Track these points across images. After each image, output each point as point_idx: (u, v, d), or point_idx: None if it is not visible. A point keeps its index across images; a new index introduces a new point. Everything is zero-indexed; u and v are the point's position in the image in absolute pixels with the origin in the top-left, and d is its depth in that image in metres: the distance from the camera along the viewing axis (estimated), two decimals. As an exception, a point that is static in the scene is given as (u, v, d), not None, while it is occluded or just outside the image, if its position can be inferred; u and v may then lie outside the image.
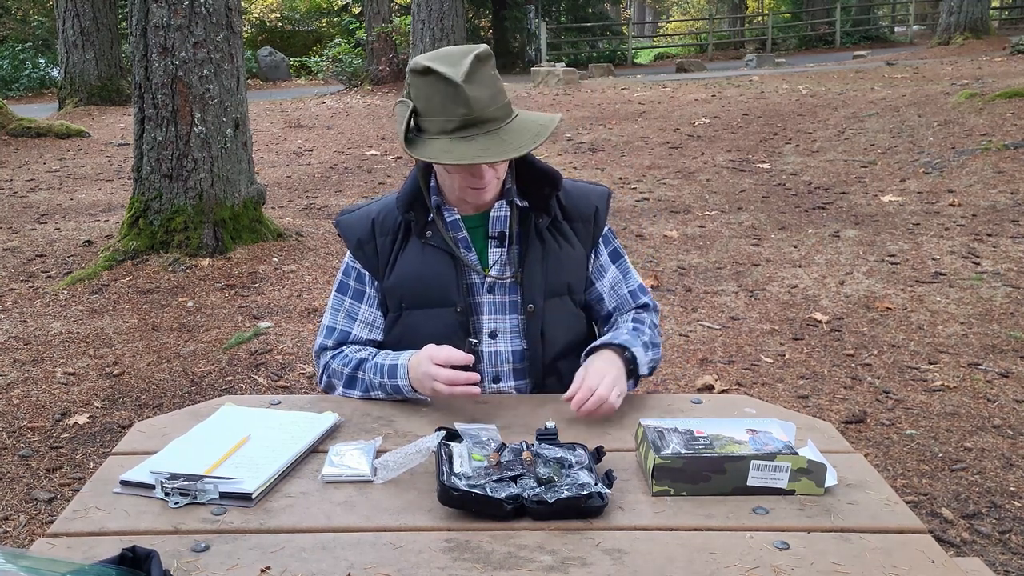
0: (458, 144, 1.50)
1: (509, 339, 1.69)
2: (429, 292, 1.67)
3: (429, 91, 1.51)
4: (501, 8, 22.35)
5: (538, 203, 1.68)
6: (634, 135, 9.52)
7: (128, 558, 1.03)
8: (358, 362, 1.65)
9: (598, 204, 1.75)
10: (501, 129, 1.52)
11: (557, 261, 1.69)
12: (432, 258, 1.67)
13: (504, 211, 1.69)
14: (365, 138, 10.45)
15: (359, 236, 1.71)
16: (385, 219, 1.71)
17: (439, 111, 1.51)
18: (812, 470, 1.26)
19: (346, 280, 1.74)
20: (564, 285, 1.71)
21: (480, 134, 1.50)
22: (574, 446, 1.36)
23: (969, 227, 5.40)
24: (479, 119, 1.50)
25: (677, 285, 4.65)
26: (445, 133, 1.51)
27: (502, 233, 1.69)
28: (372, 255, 1.70)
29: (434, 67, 1.49)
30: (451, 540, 1.16)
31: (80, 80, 13.49)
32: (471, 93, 1.48)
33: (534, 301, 1.67)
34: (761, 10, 33.02)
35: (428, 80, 1.50)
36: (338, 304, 1.74)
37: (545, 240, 1.68)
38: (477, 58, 1.51)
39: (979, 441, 2.90)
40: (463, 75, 1.47)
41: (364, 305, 1.73)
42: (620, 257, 1.80)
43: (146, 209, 4.99)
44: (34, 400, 3.35)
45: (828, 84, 12.21)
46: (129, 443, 1.46)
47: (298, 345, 3.84)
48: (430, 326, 1.67)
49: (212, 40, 4.89)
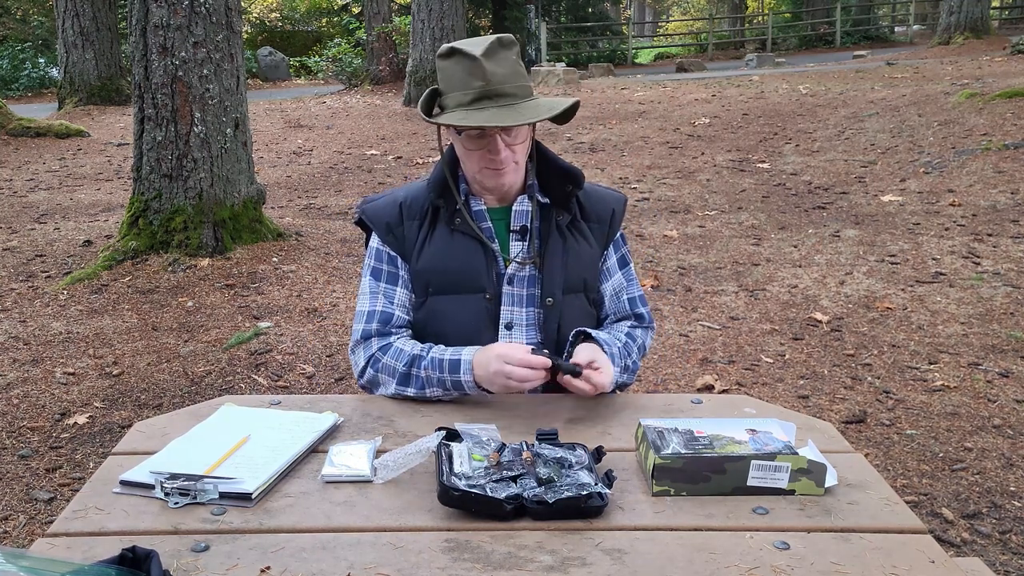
0: (472, 113, 1.55)
1: (525, 332, 1.70)
2: (459, 278, 1.67)
3: (451, 70, 1.58)
4: (501, 8, 22.36)
5: (559, 200, 1.71)
6: (634, 135, 9.52)
7: (128, 558, 1.02)
8: (412, 358, 1.60)
9: (615, 208, 1.79)
10: (516, 105, 1.57)
11: (576, 257, 1.71)
12: (462, 245, 1.68)
13: (526, 205, 1.71)
14: (365, 138, 10.45)
15: (387, 221, 1.71)
16: (413, 203, 1.72)
17: (459, 86, 1.57)
18: (812, 470, 1.26)
19: (378, 265, 1.72)
20: (581, 281, 1.73)
21: (494, 106, 1.55)
22: (574, 446, 1.36)
23: (969, 227, 5.40)
24: (495, 92, 1.56)
25: (677, 285, 4.65)
26: (462, 106, 1.57)
27: (523, 227, 1.71)
28: (401, 239, 1.70)
29: (458, 47, 1.58)
30: (451, 540, 1.16)
31: (80, 80, 13.49)
32: (488, 67, 1.55)
33: (553, 295, 1.68)
34: (761, 10, 33.02)
35: (452, 60, 1.59)
36: (374, 288, 1.71)
37: (565, 236, 1.71)
38: (500, 41, 1.59)
39: (979, 441, 2.90)
40: (483, 51, 1.55)
41: (400, 288, 1.71)
42: (627, 264, 1.82)
43: (146, 209, 4.99)
44: (34, 400, 3.35)
45: (828, 84, 12.21)
46: (129, 443, 1.46)
47: (298, 345, 3.84)
48: (457, 312, 1.67)
49: (212, 40, 4.89)
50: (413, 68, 12.73)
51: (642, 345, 1.79)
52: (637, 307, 1.81)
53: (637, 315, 1.80)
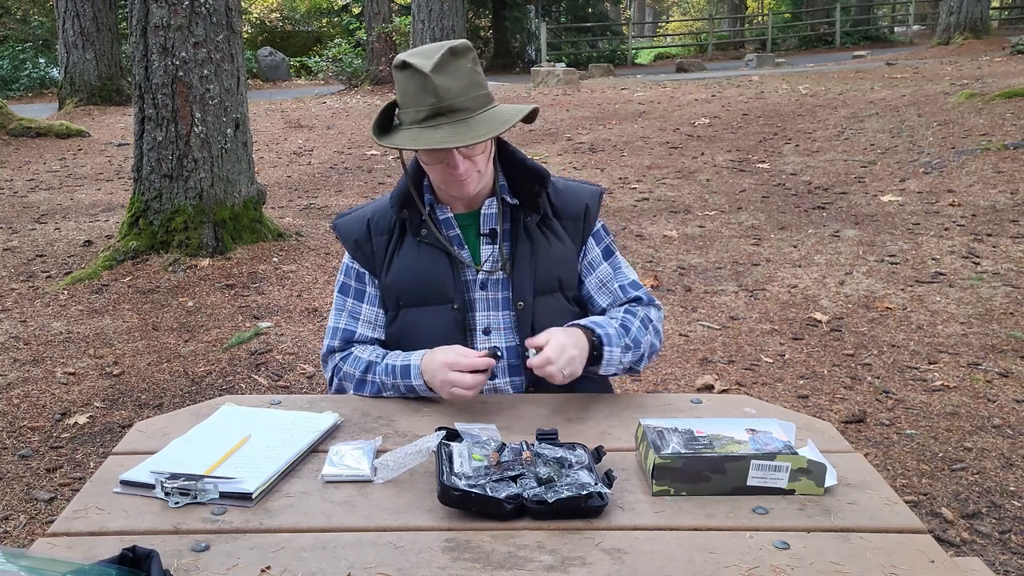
0: (425, 132, 1.53)
1: (503, 335, 1.70)
2: (426, 290, 1.68)
3: (405, 84, 1.56)
4: (501, 8, 22.36)
5: (527, 201, 1.70)
6: (634, 135, 9.52)
7: (128, 558, 1.03)
8: (367, 365, 1.66)
9: (588, 202, 1.76)
10: (471, 119, 1.54)
11: (547, 258, 1.70)
12: (428, 256, 1.68)
13: (494, 208, 1.71)
14: (365, 138, 10.45)
15: (356, 237, 1.73)
16: (380, 219, 1.73)
17: (412, 102, 1.55)
18: (812, 470, 1.26)
19: (347, 281, 1.76)
20: (555, 281, 1.72)
21: (448, 123, 1.53)
22: (574, 446, 1.36)
23: (969, 227, 5.40)
24: (448, 108, 1.53)
25: (677, 285, 4.65)
26: (416, 123, 1.55)
27: (492, 230, 1.70)
28: (370, 255, 1.72)
29: (409, 60, 1.53)
30: (451, 540, 1.16)
31: (80, 80, 13.49)
32: (439, 83, 1.51)
33: (524, 298, 1.68)
34: (761, 10, 33.02)
35: (404, 74, 1.55)
36: (341, 304, 1.76)
37: (534, 237, 1.69)
38: (451, 51, 1.54)
39: (979, 441, 2.90)
40: (432, 66, 1.51)
41: (366, 304, 1.74)
42: (612, 254, 1.79)
43: (146, 209, 4.99)
44: (34, 400, 3.35)
45: (828, 84, 12.22)
46: (129, 443, 1.46)
47: (298, 345, 3.84)
48: (429, 323, 1.68)
49: (212, 40, 4.89)
50: (413, 68, 12.74)
51: (645, 318, 1.72)
52: (630, 292, 1.76)
53: (634, 299, 1.76)
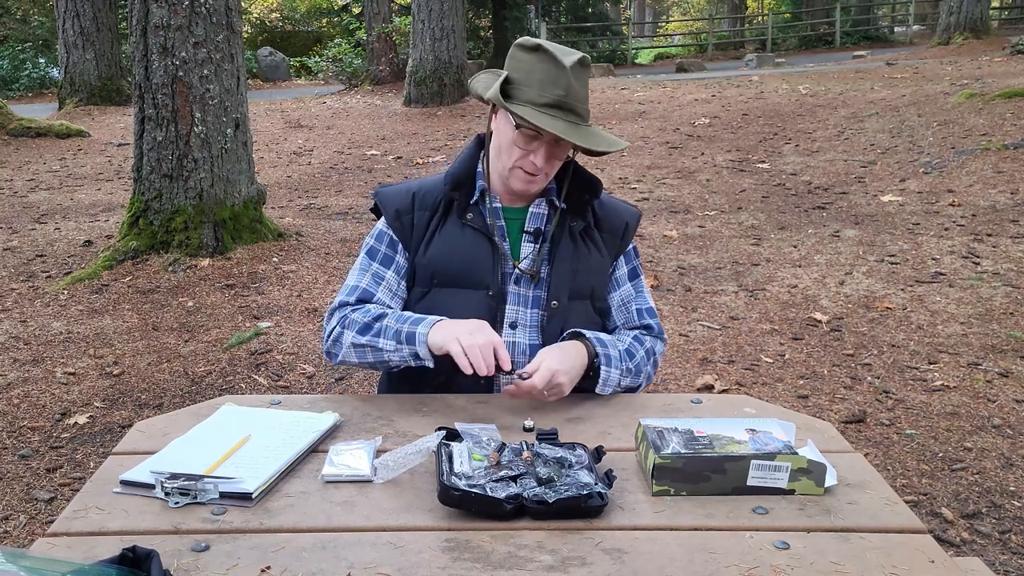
0: (544, 116, 1.56)
1: (528, 332, 1.71)
2: (464, 272, 1.69)
3: (532, 66, 1.59)
4: (501, 8, 22.35)
5: (576, 207, 1.73)
6: (634, 135, 9.52)
7: (128, 558, 1.02)
8: (380, 314, 1.64)
9: (629, 221, 1.81)
10: (582, 126, 1.61)
11: (586, 264, 1.73)
12: (471, 239, 1.69)
13: (543, 209, 1.73)
14: (365, 138, 10.45)
15: (398, 207, 1.73)
16: (426, 195, 1.74)
17: (536, 85, 1.58)
18: (812, 470, 1.26)
19: (377, 246, 1.75)
20: (588, 288, 1.74)
21: (564, 119, 1.58)
22: (574, 446, 1.36)
23: (969, 227, 5.40)
24: (569, 106, 1.58)
25: (677, 285, 4.65)
26: (533, 104, 1.58)
27: (537, 229, 1.72)
28: (408, 227, 1.72)
29: (547, 47, 1.59)
30: (451, 540, 1.16)
31: (80, 80, 13.48)
32: (572, 81, 1.58)
33: (559, 298, 1.69)
34: (761, 10, 33.01)
35: (536, 56, 1.60)
36: (366, 266, 1.73)
37: (577, 243, 1.72)
38: (582, 61, 1.61)
39: (979, 441, 2.91)
40: (572, 63, 1.58)
41: (391, 272, 1.73)
42: (637, 276, 1.83)
43: (146, 209, 4.99)
44: (34, 400, 3.35)
45: (828, 84, 12.21)
46: (129, 443, 1.46)
47: (298, 345, 3.84)
48: (459, 306, 1.67)
49: (212, 40, 4.89)
50: (413, 68, 12.72)
51: (650, 350, 1.76)
52: (645, 318, 1.80)
53: (645, 326, 1.80)
